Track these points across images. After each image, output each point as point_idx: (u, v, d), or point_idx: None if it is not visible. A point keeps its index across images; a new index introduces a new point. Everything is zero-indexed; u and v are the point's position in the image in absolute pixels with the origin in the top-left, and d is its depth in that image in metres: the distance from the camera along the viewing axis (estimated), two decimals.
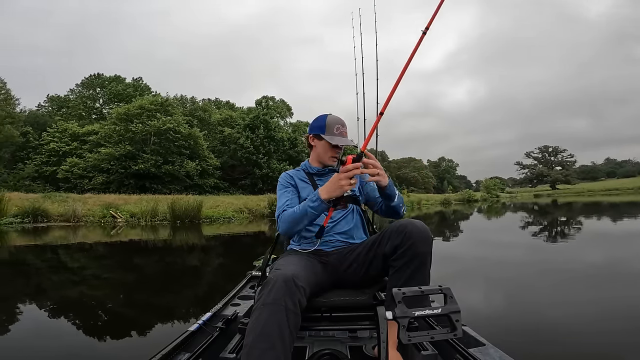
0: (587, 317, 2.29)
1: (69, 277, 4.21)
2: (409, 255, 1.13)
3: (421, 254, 1.14)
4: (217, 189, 28.59)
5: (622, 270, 3.68)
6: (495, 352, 1.14)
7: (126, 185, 24.43)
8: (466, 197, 34.85)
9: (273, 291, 1.04)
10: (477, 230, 9.19)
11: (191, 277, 4.10)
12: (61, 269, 4.75)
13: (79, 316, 2.65)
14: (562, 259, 4.39)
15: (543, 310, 2.48)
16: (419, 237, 1.14)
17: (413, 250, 1.13)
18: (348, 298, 1.23)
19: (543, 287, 3.12)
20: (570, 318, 2.27)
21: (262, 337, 0.97)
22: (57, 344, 2.08)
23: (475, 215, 15.06)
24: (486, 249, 5.82)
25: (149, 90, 37.56)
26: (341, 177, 1.22)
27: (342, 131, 1.52)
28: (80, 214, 12.25)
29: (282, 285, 1.05)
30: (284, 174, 1.60)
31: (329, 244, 1.41)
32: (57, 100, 36.49)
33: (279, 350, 0.96)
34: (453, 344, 1.19)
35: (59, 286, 3.73)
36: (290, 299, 1.03)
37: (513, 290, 3.12)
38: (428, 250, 1.15)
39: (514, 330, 2.12)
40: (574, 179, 75.65)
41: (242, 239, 8.46)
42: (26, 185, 23.29)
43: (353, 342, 1.36)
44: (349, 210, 1.48)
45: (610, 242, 5.79)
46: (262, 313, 1.01)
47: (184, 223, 11.98)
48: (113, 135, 25.46)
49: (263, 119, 31.52)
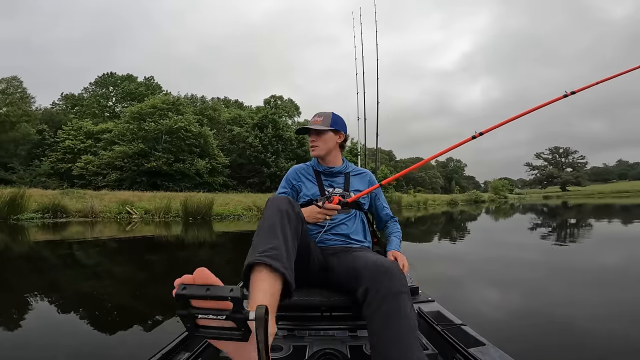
0: (592, 318, 2.25)
1: (90, 271, 4.26)
2: (380, 297, 0.98)
3: (391, 295, 0.98)
4: (226, 187, 29.10)
5: (628, 273, 3.67)
6: (495, 351, 1.12)
7: (138, 183, 25.10)
8: (473, 198, 34.75)
9: (274, 201, 1.10)
10: (484, 231, 9.17)
11: None
12: (81, 263, 4.78)
13: (93, 310, 2.71)
14: (569, 260, 4.39)
15: (547, 310, 2.46)
16: (390, 276, 1.01)
17: (383, 291, 0.99)
18: (348, 297, 1.22)
19: (548, 288, 3.09)
20: (575, 319, 2.25)
21: (266, 230, 1.01)
22: (59, 336, 2.11)
23: (483, 216, 14.91)
24: (491, 249, 5.82)
25: (160, 89, 38.31)
26: (319, 213, 1.33)
27: (315, 119, 1.57)
28: (97, 210, 12.75)
29: (282, 198, 1.12)
30: (292, 168, 1.64)
31: (326, 242, 1.45)
32: (72, 98, 37.40)
33: (281, 240, 0.97)
34: (453, 343, 1.18)
35: (74, 280, 3.81)
36: (292, 209, 1.08)
37: (517, 290, 3.08)
38: (401, 289, 0.99)
39: (514, 329, 2.11)
40: (584, 181, 74.73)
41: (251, 236, 8.75)
42: (42, 181, 24.01)
43: (353, 341, 1.34)
44: (351, 214, 1.51)
45: (615, 244, 5.77)
46: (266, 215, 1.06)
47: (196, 220, 12.35)
48: (126, 134, 26.14)
49: (271, 119, 31.96)
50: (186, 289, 0.61)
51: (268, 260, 0.89)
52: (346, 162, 1.63)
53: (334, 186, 1.54)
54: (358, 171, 1.63)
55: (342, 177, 1.57)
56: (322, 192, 1.50)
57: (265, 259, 0.89)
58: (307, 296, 1.24)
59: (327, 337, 1.39)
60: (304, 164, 1.63)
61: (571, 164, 79.11)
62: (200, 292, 0.61)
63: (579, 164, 79.21)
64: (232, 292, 0.60)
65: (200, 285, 0.62)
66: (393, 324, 0.94)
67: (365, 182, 1.59)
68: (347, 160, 1.65)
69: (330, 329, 1.41)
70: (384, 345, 0.93)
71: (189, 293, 0.61)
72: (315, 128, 1.53)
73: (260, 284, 0.88)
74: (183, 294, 0.61)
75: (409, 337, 0.93)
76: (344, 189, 1.53)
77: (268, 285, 0.88)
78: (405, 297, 0.99)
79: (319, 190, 1.51)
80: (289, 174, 1.60)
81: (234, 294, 0.60)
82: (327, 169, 1.56)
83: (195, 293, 0.61)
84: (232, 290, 0.60)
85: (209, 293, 0.61)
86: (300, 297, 1.21)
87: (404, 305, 0.97)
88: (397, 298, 0.97)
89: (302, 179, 1.57)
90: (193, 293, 0.61)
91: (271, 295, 0.86)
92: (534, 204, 26.74)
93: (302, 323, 1.36)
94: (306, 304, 1.24)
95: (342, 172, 1.58)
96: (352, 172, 1.61)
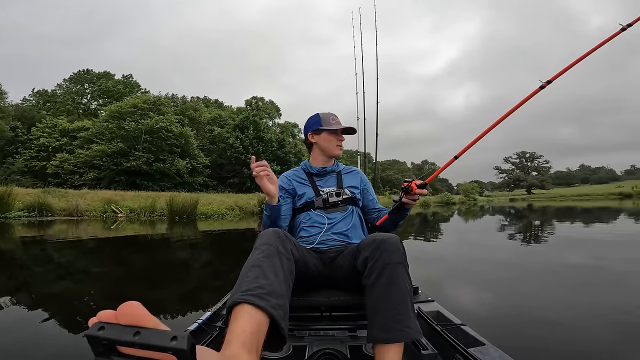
0: (588, 317, 2.24)
1: (82, 268, 4.21)
2: (379, 267, 1.03)
3: (391, 265, 1.03)
4: (206, 187, 29.35)
5: (614, 271, 3.66)
6: (495, 351, 1.11)
7: (117, 182, 24.99)
8: (445, 200, 36.40)
9: (263, 238, 1.04)
10: (460, 232, 9.02)
11: (195, 274, 4.00)
12: (73, 261, 4.71)
13: (89, 309, 2.59)
14: (534, 262, 4.35)
15: (539, 308, 2.43)
16: (389, 247, 1.05)
17: (382, 261, 1.04)
18: (348, 297, 1.22)
19: (521, 288, 3.06)
20: (570, 318, 2.22)
21: (252, 268, 0.91)
22: (57, 336, 2.00)
23: (455, 217, 15.18)
24: (466, 249, 5.75)
25: (139, 87, 37.90)
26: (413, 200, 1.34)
27: (337, 120, 1.59)
28: (82, 209, 13.04)
29: (272, 233, 1.06)
30: (281, 176, 1.60)
31: (326, 242, 1.43)
32: (44, 95, 36.34)
33: (271, 279, 0.88)
34: (453, 343, 1.18)
35: (66, 276, 3.73)
36: (282, 245, 1.02)
37: (494, 289, 3.05)
38: (399, 261, 1.04)
39: (513, 329, 2.09)
40: (548, 184, 79.30)
41: (243, 234, 8.90)
42: (16, 179, 23.48)
43: (353, 341, 1.35)
44: (348, 212, 1.51)
45: (596, 244, 5.70)
46: (253, 254, 0.98)
47: (181, 219, 12.84)
48: (105, 133, 25.93)
49: (253, 120, 32.49)
50: (104, 330, 0.42)
51: (252, 299, 0.78)
52: (336, 162, 1.65)
53: (327, 185, 1.57)
54: (348, 170, 1.67)
55: (334, 176, 1.60)
56: (317, 192, 1.53)
57: (250, 298, 0.78)
58: (306, 296, 1.23)
59: (326, 337, 1.40)
60: (292, 170, 1.65)
61: (537, 168, 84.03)
62: (125, 336, 0.42)
63: (544, 168, 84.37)
64: (176, 343, 0.41)
65: (125, 326, 0.43)
66: (391, 293, 1.00)
67: (357, 179, 1.63)
68: (337, 160, 1.67)
69: (330, 329, 1.41)
70: (381, 315, 0.99)
71: (107, 336, 0.42)
72: (355, 128, 1.60)
73: (236, 322, 0.74)
74: (97, 335, 0.42)
75: (405, 306, 0.99)
76: (337, 186, 1.56)
77: (248, 323, 0.74)
78: (402, 268, 1.04)
79: (313, 191, 1.53)
80: (280, 182, 1.55)
81: (179, 344, 0.41)
82: (320, 170, 1.58)
83: (117, 337, 0.42)
84: (175, 339, 0.41)
85: (137, 339, 0.42)
86: (300, 297, 1.20)
87: (402, 276, 1.03)
88: (396, 268, 1.03)
89: (294, 184, 1.57)
90: (112, 337, 0.42)
91: (251, 333, 0.72)
92: (503, 207, 27.19)
93: (301, 323, 1.37)
94: (306, 304, 1.23)
95: (335, 171, 1.61)
96: (343, 170, 1.64)
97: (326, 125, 1.54)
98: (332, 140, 1.55)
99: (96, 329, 0.43)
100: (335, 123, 1.57)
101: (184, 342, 0.41)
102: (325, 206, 1.49)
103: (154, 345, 0.41)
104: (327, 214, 1.48)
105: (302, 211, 1.52)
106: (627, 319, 2.12)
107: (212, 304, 1.70)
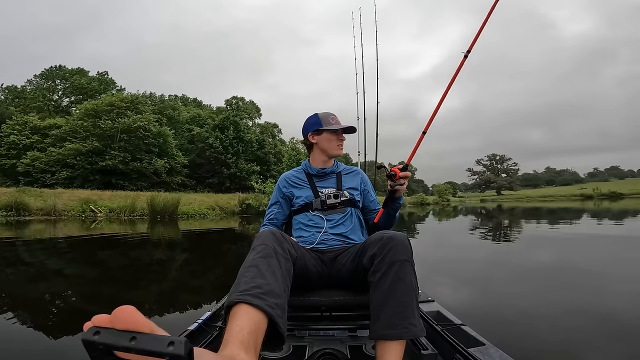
0: (586, 316, 2.21)
1: (71, 268, 4.20)
2: (386, 264, 1.04)
3: (398, 262, 1.03)
4: (184, 186, 29.13)
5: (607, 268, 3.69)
6: (495, 351, 1.11)
7: (91, 181, 24.52)
8: (419, 201, 37.71)
9: (260, 238, 1.04)
10: (437, 233, 8.96)
11: (187, 273, 3.96)
12: (65, 262, 4.64)
13: (83, 310, 2.52)
14: (504, 260, 4.38)
15: (532, 305, 2.44)
16: (396, 244, 1.06)
17: (389, 258, 1.04)
18: (348, 297, 1.22)
19: (508, 287, 3.06)
20: (568, 315, 2.20)
21: (249, 268, 0.91)
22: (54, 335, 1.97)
23: (430, 217, 15.45)
24: (442, 249, 5.78)
25: (114, 84, 37.06)
26: (401, 186, 1.39)
27: (337, 120, 1.57)
28: (60, 209, 13.00)
29: (269, 233, 1.06)
30: (282, 176, 1.62)
31: (326, 242, 1.43)
32: (13, 91, 34.89)
33: (268, 279, 0.88)
34: (453, 343, 1.18)
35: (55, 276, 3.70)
36: (279, 245, 1.03)
37: (473, 287, 3.04)
38: (406, 258, 1.05)
39: (512, 328, 2.06)
40: (516, 186, 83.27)
41: (225, 233, 9.08)
42: None
43: (353, 341, 1.35)
44: (347, 213, 1.50)
45: (565, 243, 5.73)
46: (250, 255, 0.98)
47: (163, 218, 13.00)
48: (79, 131, 25.32)
49: (233, 120, 32.57)
50: (100, 335, 0.41)
51: (249, 299, 0.78)
52: (337, 162, 1.64)
53: (326, 186, 1.56)
54: (349, 170, 1.65)
55: (333, 177, 1.59)
56: (316, 194, 1.53)
57: (247, 298, 0.79)
58: (306, 296, 1.23)
59: (327, 337, 1.40)
60: (294, 170, 1.65)
61: (506, 170, 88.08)
62: (122, 341, 0.41)
63: (512, 170, 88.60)
64: (173, 348, 0.40)
65: (121, 331, 0.41)
66: (396, 290, 1.01)
67: (357, 180, 1.62)
68: (337, 160, 1.66)
69: (330, 329, 1.41)
70: (386, 311, 0.99)
71: (104, 341, 0.41)
72: (355, 127, 1.60)
73: (234, 322, 0.74)
74: (94, 340, 0.41)
75: (410, 304, 1.00)
76: (337, 187, 1.55)
77: (246, 322, 0.74)
78: (409, 265, 1.05)
79: (312, 193, 1.54)
80: (279, 183, 1.60)
81: (176, 350, 0.40)
82: (320, 170, 1.57)
83: (114, 342, 0.41)
84: (172, 344, 0.40)
85: (133, 344, 0.40)
86: (300, 297, 1.21)
87: (408, 273, 1.03)
88: (403, 266, 1.03)
89: (293, 185, 1.58)
90: (109, 342, 0.41)
91: (249, 332, 0.72)
92: (475, 207, 27.99)
93: (302, 323, 1.37)
94: (306, 304, 1.23)
95: (334, 172, 1.60)
96: (344, 171, 1.63)
97: (326, 125, 1.54)
98: (333, 140, 1.55)
99: (92, 333, 0.42)
100: (335, 123, 1.56)
101: (181, 347, 0.40)
102: (323, 208, 1.49)
103: (151, 350, 0.40)
104: (325, 216, 1.48)
105: (301, 212, 1.53)
106: (618, 318, 2.14)
107: (209, 302, 1.68)
